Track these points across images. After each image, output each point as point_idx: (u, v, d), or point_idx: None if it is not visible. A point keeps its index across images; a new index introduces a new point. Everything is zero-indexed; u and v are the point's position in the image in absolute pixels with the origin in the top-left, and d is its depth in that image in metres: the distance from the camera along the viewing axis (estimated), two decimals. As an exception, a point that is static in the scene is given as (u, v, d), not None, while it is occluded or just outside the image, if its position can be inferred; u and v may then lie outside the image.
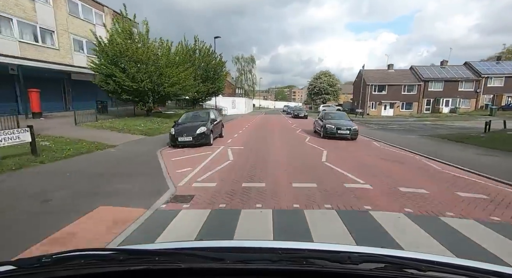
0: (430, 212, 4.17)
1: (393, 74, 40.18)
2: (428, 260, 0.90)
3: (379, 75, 40.20)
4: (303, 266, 0.82)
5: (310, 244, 1.34)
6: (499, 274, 0.84)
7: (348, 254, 0.88)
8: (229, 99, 39.02)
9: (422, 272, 0.79)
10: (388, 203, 4.54)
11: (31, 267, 0.82)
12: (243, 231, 3.51)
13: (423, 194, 5.01)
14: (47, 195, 4.79)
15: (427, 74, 37.96)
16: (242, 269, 0.83)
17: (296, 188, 5.33)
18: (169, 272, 0.83)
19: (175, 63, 16.71)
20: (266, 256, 0.88)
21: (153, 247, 1.11)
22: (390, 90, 38.81)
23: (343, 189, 5.27)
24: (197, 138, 10.15)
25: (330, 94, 51.92)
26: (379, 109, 39.63)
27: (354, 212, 4.20)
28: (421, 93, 37.95)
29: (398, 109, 39.21)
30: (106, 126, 13.48)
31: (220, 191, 5.19)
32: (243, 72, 55.19)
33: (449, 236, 3.40)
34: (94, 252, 0.95)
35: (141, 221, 3.81)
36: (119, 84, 14.98)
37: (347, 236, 3.36)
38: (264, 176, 6.27)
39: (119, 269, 0.81)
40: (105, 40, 15.19)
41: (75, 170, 6.55)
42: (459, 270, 0.83)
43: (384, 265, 0.83)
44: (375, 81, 39.27)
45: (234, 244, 1.39)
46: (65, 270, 0.81)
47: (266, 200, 4.68)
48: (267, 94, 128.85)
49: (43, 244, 3.17)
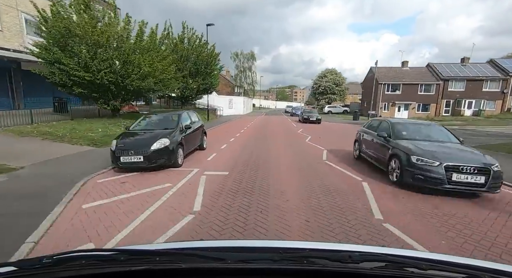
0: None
1: (408, 72, 36.19)
2: (429, 258, 0.90)
3: (392, 73, 36.22)
4: (304, 265, 0.81)
5: (311, 243, 1.37)
6: (499, 272, 0.83)
7: (349, 253, 0.88)
8: (225, 98, 35.04)
9: (423, 271, 0.79)
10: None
11: (31, 268, 0.82)
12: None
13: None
14: None
15: (446, 72, 33.94)
16: (243, 268, 0.83)
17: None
18: (170, 272, 0.83)
19: (147, 49, 12.73)
20: (267, 256, 0.88)
21: (154, 247, 1.09)
22: (405, 90, 34.84)
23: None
24: (152, 157, 6.23)
25: (336, 94, 47.87)
26: (392, 111, 35.69)
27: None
28: (439, 93, 33.95)
29: (414, 111, 35.23)
30: (40, 132, 9.56)
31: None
32: (242, 69, 51.15)
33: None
34: (95, 253, 0.94)
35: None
36: (68, 74, 11.05)
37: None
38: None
39: (120, 269, 0.80)
40: (49, 13, 11.25)
41: None
42: (459, 269, 0.82)
43: (385, 264, 0.82)
44: (388, 79, 35.30)
45: (235, 243, 1.35)
46: (66, 270, 0.80)
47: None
48: (268, 94, 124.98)
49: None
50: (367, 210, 4.24)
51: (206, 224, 3.67)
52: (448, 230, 3.62)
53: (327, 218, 3.93)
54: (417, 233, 3.49)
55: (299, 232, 3.46)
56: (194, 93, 21.96)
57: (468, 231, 3.60)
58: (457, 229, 3.65)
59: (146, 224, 3.66)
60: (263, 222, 3.75)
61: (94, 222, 3.70)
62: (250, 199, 4.66)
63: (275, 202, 4.50)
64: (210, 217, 3.88)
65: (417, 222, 3.86)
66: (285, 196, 4.83)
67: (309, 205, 4.43)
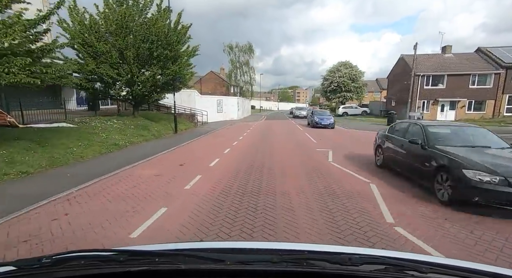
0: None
1: (453, 60, 27.52)
2: (428, 261, 0.90)
3: (432, 62, 27.59)
4: (303, 267, 0.81)
5: (311, 245, 1.42)
6: (498, 276, 0.84)
7: (349, 256, 0.87)
8: (212, 99, 26.51)
9: (423, 274, 0.79)
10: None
11: (31, 267, 0.82)
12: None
13: None
14: None
15: (509, 58, 25.23)
16: (243, 270, 0.83)
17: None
18: (170, 273, 0.83)
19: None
20: (267, 258, 0.87)
21: (153, 248, 1.09)
22: (451, 83, 26.22)
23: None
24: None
25: (352, 91, 39.17)
26: (433, 110, 27.08)
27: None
28: (499, 86, 25.23)
29: (463, 110, 26.58)
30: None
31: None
32: (238, 65, 42.67)
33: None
34: (94, 253, 0.94)
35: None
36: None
37: None
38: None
39: (119, 270, 0.80)
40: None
41: None
42: (459, 272, 0.82)
43: (385, 267, 0.82)
44: (428, 70, 26.69)
45: (234, 245, 1.35)
46: (65, 270, 0.81)
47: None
48: (270, 95, 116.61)
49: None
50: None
51: None
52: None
53: None
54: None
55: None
56: (149, 89, 13.51)
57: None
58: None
59: None
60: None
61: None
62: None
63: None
64: None
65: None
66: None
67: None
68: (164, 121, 16.60)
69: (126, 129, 12.18)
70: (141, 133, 12.44)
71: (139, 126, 13.37)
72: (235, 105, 29.45)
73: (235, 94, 42.31)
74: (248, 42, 44.12)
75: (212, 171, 6.73)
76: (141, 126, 13.52)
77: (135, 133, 12.10)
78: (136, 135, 11.88)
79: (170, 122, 16.04)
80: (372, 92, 54.95)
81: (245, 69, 42.69)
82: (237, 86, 45.38)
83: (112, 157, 8.54)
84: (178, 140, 12.76)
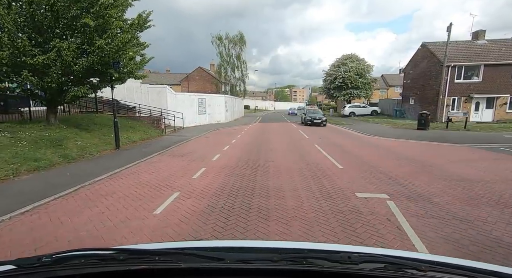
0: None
1: (488, 47, 22.46)
2: (428, 260, 0.89)
3: (463, 50, 22.52)
4: (303, 266, 0.81)
5: (310, 244, 1.38)
6: (498, 274, 0.84)
7: (348, 254, 0.86)
8: (191, 97, 20.96)
9: (422, 272, 0.78)
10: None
11: (31, 266, 0.80)
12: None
13: None
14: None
15: (561, 43, 20.24)
16: (242, 269, 0.82)
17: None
18: (170, 272, 0.82)
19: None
20: (266, 256, 0.86)
21: (153, 247, 1.07)
22: (488, 76, 21.21)
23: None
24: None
25: (360, 88, 33.96)
26: (465, 109, 21.97)
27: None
28: (550, 79, 20.25)
29: (503, 109, 21.56)
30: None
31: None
32: (228, 58, 37.15)
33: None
34: (94, 252, 0.92)
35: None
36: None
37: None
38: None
39: (119, 268, 0.80)
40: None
41: None
42: (458, 270, 0.82)
43: (384, 265, 0.81)
44: (459, 59, 21.62)
45: (234, 244, 1.34)
46: (65, 269, 0.79)
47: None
48: (266, 95, 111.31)
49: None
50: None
51: None
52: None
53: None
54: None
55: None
56: (61, 78, 8.08)
57: None
58: None
59: None
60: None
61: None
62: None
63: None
64: None
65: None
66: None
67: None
68: (107, 130, 11.20)
69: (8, 148, 6.83)
70: (36, 156, 7.04)
71: (46, 141, 8.01)
72: (222, 105, 24.03)
73: (226, 92, 36.92)
74: (239, 32, 38.46)
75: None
76: (50, 140, 8.15)
77: (22, 156, 6.74)
78: (21, 160, 6.52)
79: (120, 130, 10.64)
80: (378, 90, 49.91)
81: (236, 63, 37.24)
82: (228, 84, 39.99)
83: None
84: (103, 165, 7.40)
